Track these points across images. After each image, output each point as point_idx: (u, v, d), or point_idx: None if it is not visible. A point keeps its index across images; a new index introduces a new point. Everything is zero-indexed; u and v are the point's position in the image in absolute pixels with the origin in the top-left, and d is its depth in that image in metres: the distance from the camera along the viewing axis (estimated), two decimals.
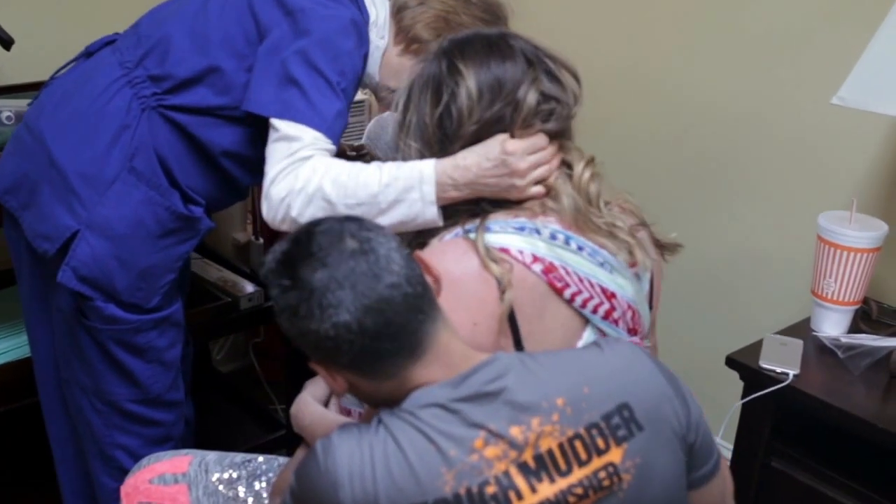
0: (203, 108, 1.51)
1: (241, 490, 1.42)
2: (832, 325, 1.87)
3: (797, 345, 1.81)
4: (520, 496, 1.02)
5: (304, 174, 1.38)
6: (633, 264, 1.31)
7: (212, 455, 1.48)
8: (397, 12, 1.59)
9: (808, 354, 1.79)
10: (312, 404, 1.37)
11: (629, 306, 1.31)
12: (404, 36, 1.58)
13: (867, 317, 1.93)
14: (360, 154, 1.94)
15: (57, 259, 1.50)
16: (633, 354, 1.12)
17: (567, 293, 1.25)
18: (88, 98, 1.52)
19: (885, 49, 1.65)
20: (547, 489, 1.02)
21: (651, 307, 1.39)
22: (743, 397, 1.77)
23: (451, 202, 1.35)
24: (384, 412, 1.07)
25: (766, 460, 1.78)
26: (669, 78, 2.38)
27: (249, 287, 2.29)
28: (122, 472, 1.64)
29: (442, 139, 1.32)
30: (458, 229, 1.31)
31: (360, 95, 2.99)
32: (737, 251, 2.28)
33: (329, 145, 1.43)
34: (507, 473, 1.02)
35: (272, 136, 1.43)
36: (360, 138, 2.05)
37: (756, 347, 1.80)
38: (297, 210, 1.37)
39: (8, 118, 1.84)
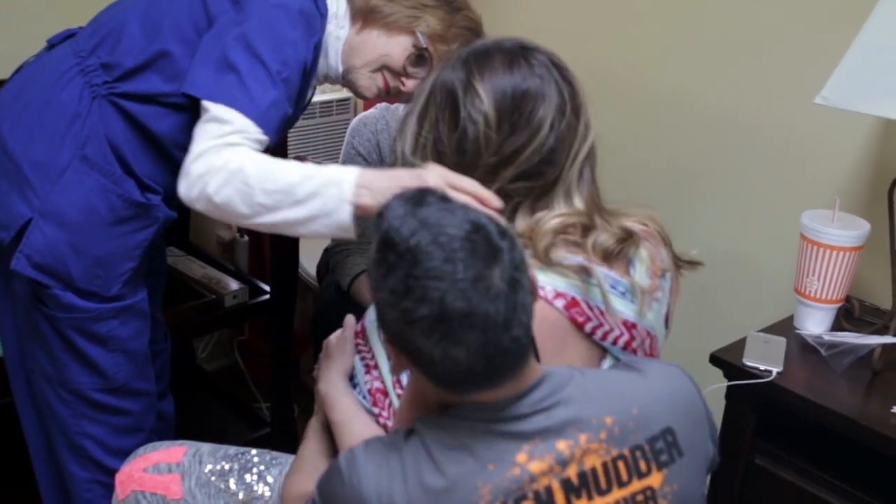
0: (151, 95, 1.49)
1: (232, 482, 1.42)
2: (815, 323, 1.88)
3: (780, 342, 1.82)
4: None
5: (227, 154, 1.34)
6: (653, 289, 1.28)
7: (206, 446, 1.48)
8: None
9: (791, 352, 1.80)
10: (346, 395, 1.32)
11: (648, 333, 1.28)
12: (360, 14, 1.57)
13: (850, 315, 1.94)
14: None
15: (12, 248, 1.49)
16: (676, 378, 1.13)
17: (588, 327, 1.22)
18: (42, 87, 1.52)
19: (869, 48, 1.65)
20: None
21: (667, 326, 1.37)
22: (726, 395, 1.78)
23: (365, 213, 1.29)
24: (421, 421, 1.05)
25: (749, 458, 1.79)
26: (650, 77, 2.39)
27: (234, 284, 2.28)
28: (92, 462, 1.64)
29: (458, 166, 1.23)
30: None
31: (344, 93, 2.99)
32: (720, 249, 2.28)
33: (260, 135, 1.39)
34: (549, 489, 1.01)
35: (203, 117, 1.39)
36: (342, 139, 2.04)
37: (739, 345, 1.81)
38: (214, 188, 1.32)
39: None
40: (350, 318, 1.42)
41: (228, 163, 1.33)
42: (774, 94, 2.14)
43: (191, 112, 1.47)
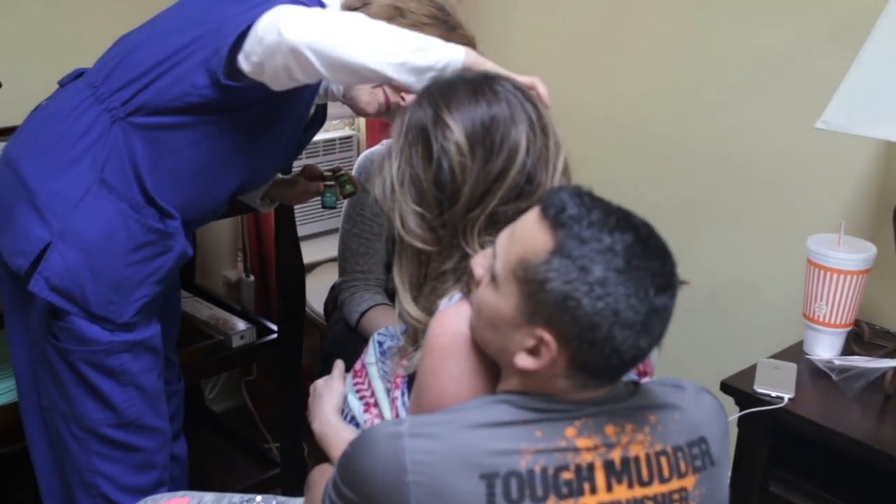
0: (166, 101, 1.50)
1: None
2: (825, 348, 1.87)
3: (791, 368, 1.81)
4: (594, 490, 1.02)
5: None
6: None
7: (209, 496, 1.46)
8: None
9: (802, 377, 1.79)
10: (342, 429, 1.34)
11: None
12: None
13: (859, 339, 1.93)
14: (336, 175, 1.95)
15: (30, 274, 1.50)
16: (707, 395, 1.16)
17: None
18: (58, 121, 1.54)
19: (867, 72, 1.66)
20: (623, 492, 1.03)
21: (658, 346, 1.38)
22: (738, 422, 1.77)
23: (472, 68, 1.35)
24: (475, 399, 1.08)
25: (764, 485, 1.77)
26: (650, 109, 2.40)
27: (241, 325, 2.28)
28: (104, 499, 1.63)
29: (440, 200, 1.24)
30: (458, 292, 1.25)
31: (347, 131, 3.01)
32: (727, 277, 2.28)
33: None
34: (591, 466, 1.03)
35: (267, 18, 1.38)
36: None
37: (750, 372, 1.80)
38: (320, 21, 1.35)
39: None
40: (339, 362, 1.44)
41: (336, 10, 1.37)
42: (776, 121, 2.14)
43: (207, 116, 1.49)
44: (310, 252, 2.55)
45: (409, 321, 1.25)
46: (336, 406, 1.36)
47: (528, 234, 1.02)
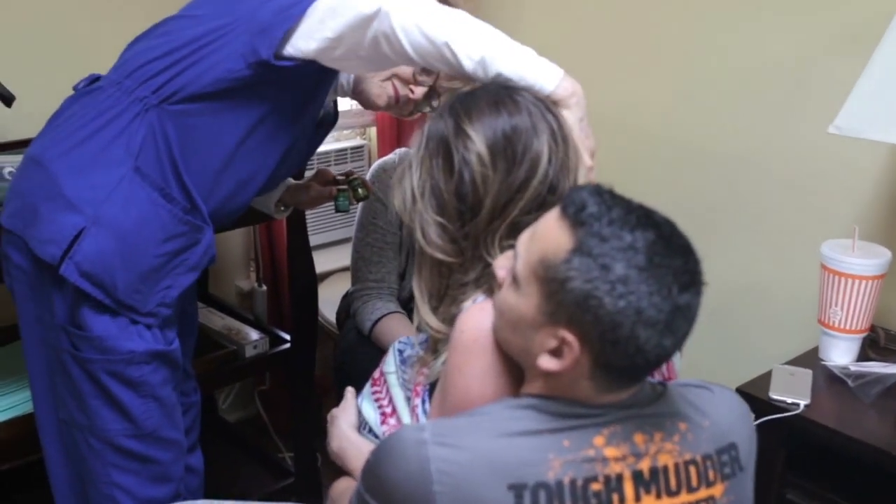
0: (200, 87, 1.51)
1: None
2: (840, 354, 1.86)
3: (806, 374, 1.80)
4: (622, 501, 1.02)
5: None
6: None
7: None
8: None
9: (818, 384, 1.78)
10: (361, 442, 1.32)
11: None
12: None
13: (875, 344, 1.92)
14: (348, 180, 1.95)
15: (61, 263, 1.50)
16: (737, 399, 1.15)
17: None
18: (84, 117, 1.54)
19: (880, 76, 1.66)
20: (650, 502, 1.03)
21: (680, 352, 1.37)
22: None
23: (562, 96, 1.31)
24: (502, 401, 1.07)
25: (781, 492, 1.76)
26: (663, 116, 2.40)
27: (254, 334, 2.29)
28: None
29: (462, 212, 1.23)
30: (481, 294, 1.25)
31: (359, 141, 3.02)
32: (741, 283, 2.27)
33: None
34: (619, 476, 1.02)
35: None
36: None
37: (765, 378, 1.79)
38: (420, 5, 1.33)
39: (10, 173, 1.85)
40: (350, 388, 1.43)
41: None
42: (788, 126, 2.14)
43: (240, 103, 1.51)
44: (322, 261, 2.55)
45: (428, 332, 1.25)
46: (352, 423, 1.35)
47: (549, 233, 1.01)
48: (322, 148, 2.82)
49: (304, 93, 1.58)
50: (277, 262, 2.70)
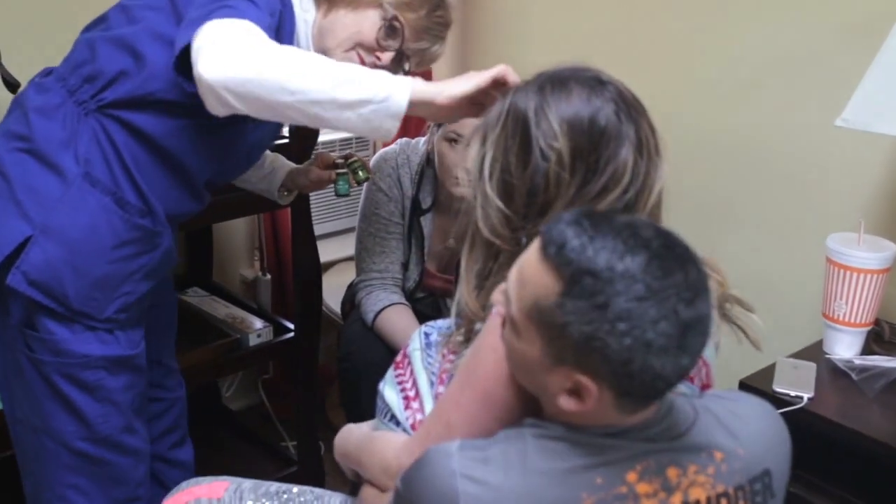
0: (140, 97, 1.47)
1: None
2: (845, 348, 1.86)
3: (810, 368, 1.80)
4: None
5: (252, 33, 1.27)
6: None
7: (248, 483, 1.45)
8: None
9: (822, 377, 1.78)
10: (357, 428, 1.30)
11: (703, 361, 1.24)
12: None
13: (880, 338, 1.92)
14: (348, 163, 1.92)
15: (6, 268, 1.47)
16: (773, 417, 1.12)
17: None
18: (34, 114, 1.50)
19: (887, 70, 1.65)
20: None
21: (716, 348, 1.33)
22: None
23: (420, 104, 1.27)
24: (531, 426, 1.02)
25: None
26: (669, 109, 2.39)
27: (258, 323, 2.29)
28: None
29: (528, 206, 1.14)
30: None
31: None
32: (745, 276, 2.26)
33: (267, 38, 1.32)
34: None
35: (204, 31, 1.28)
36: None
37: (769, 371, 1.79)
38: (248, 56, 1.24)
39: None
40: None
41: (260, 40, 1.26)
42: (794, 119, 2.13)
43: (186, 109, 1.45)
44: (326, 251, 2.55)
45: (466, 312, 1.19)
46: (363, 426, 1.31)
47: (535, 276, 0.95)
48: (326, 136, 2.82)
49: None
50: (282, 251, 2.70)
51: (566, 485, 0.97)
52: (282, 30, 1.50)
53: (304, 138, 2.10)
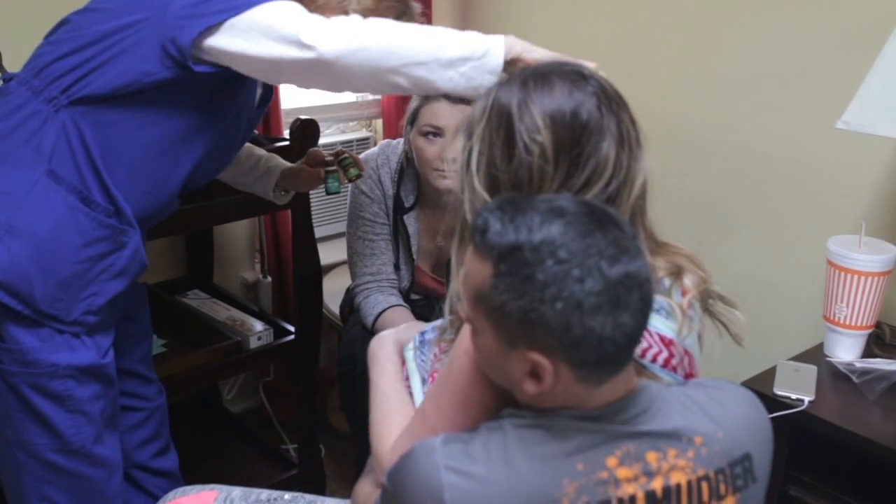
0: (114, 89, 1.46)
1: None
2: (846, 350, 1.86)
3: (811, 371, 1.80)
4: None
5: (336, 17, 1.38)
6: (688, 306, 1.23)
7: (237, 491, 1.45)
8: None
9: (823, 380, 1.78)
10: (393, 362, 1.32)
11: (686, 351, 1.24)
12: None
13: (881, 341, 1.92)
14: (339, 160, 1.92)
15: None
16: (753, 403, 1.13)
17: None
18: None
19: (888, 72, 1.65)
20: None
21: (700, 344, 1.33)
22: None
23: (513, 60, 1.34)
24: (510, 417, 1.04)
25: (783, 489, 1.76)
26: (669, 112, 2.39)
27: (258, 326, 2.29)
28: None
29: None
30: None
31: (364, 133, 3.01)
32: (747, 277, 2.27)
33: None
34: (633, 497, 1.01)
35: (247, 25, 1.38)
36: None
37: (769, 374, 1.79)
38: (355, 29, 1.34)
39: None
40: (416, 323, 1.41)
41: (353, 18, 1.36)
42: (795, 122, 2.13)
43: (161, 98, 1.46)
44: (327, 253, 2.55)
45: (458, 306, 1.19)
46: (401, 339, 1.34)
47: (472, 267, 1.00)
48: (327, 139, 2.82)
49: (228, 89, 1.53)
50: (282, 254, 2.70)
51: (548, 472, 0.99)
52: None
53: (304, 139, 2.10)
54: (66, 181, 1.47)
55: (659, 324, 1.20)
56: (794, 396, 1.71)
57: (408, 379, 1.31)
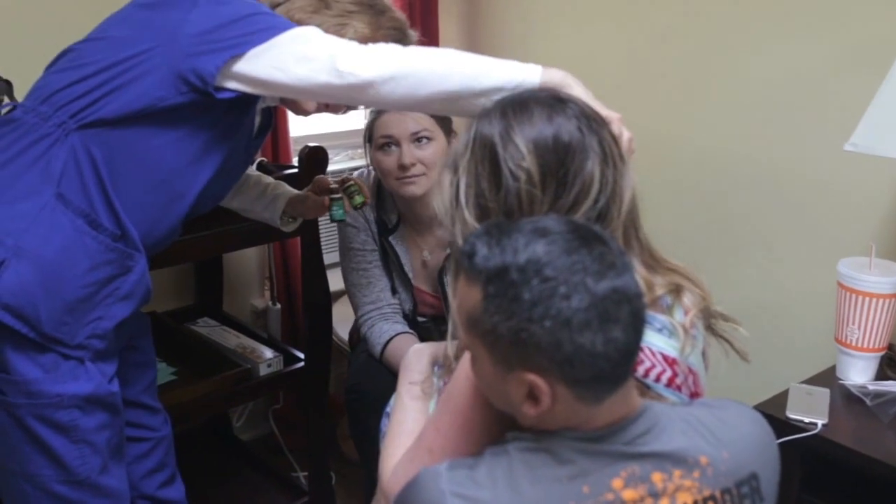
0: (126, 113, 1.47)
1: None
2: (858, 373, 1.84)
3: (824, 394, 1.78)
4: None
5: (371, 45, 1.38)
6: (691, 325, 1.24)
7: None
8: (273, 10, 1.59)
9: (836, 403, 1.76)
10: (424, 376, 1.32)
11: (690, 370, 1.24)
12: None
13: (893, 363, 1.90)
14: (344, 187, 1.93)
15: None
16: (758, 423, 1.12)
17: None
18: (4, 144, 1.50)
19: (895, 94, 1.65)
20: None
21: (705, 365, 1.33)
22: None
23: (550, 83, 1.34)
24: (514, 441, 1.04)
25: None
26: (678, 134, 2.39)
27: (268, 353, 2.29)
28: None
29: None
30: None
31: (358, 161, 3.02)
32: (757, 301, 2.26)
33: None
34: None
35: (281, 50, 1.40)
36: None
37: (782, 398, 1.78)
38: (399, 57, 1.35)
39: None
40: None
41: (390, 46, 1.37)
42: (805, 144, 2.13)
43: (172, 122, 1.47)
44: (336, 280, 2.55)
45: (458, 339, 1.22)
46: (438, 353, 1.33)
47: (464, 294, 1.01)
48: (336, 166, 2.83)
49: (237, 111, 1.54)
50: (292, 281, 2.70)
51: (553, 496, 0.98)
52: None
53: (312, 166, 2.11)
54: (73, 204, 1.47)
55: (661, 343, 1.20)
56: (807, 420, 1.70)
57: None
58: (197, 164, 1.55)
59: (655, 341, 1.20)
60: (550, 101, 1.22)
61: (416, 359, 1.35)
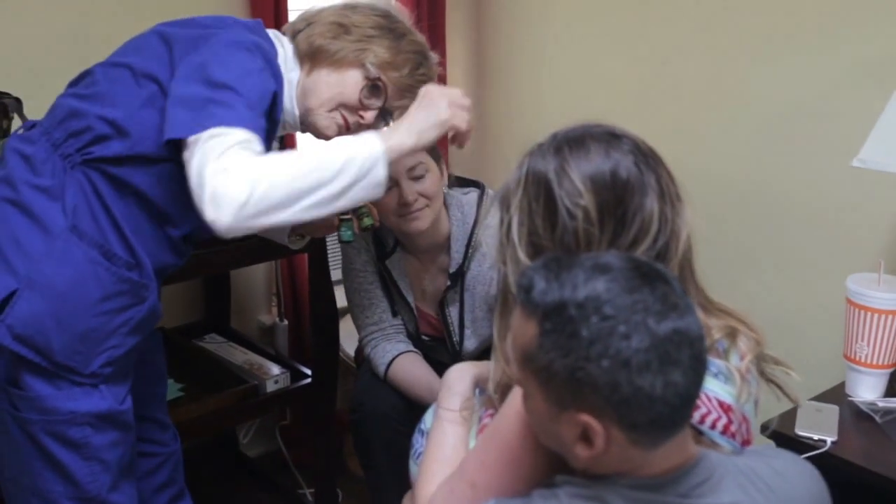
0: (128, 155, 1.47)
1: None
2: (868, 389, 1.83)
3: (833, 411, 1.78)
4: None
5: (242, 158, 1.31)
6: (746, 370, 1.20)
7: None
8: (292, 40, 1.61)
9: (845, 420, 1.75)
10: (462, 397, 1.28)
11: (744, 417, 1.20)
12: (307, 56, 1.59)
13: None
14: (355, 209, 1.91)
15: None
16: (815, 478, 1.11)
17: None
18: (17, 166, 1.51)
19: None
20: None
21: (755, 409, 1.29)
22: None
23: (398, 154, 1.40)
24: (564, 485, 1.00)
25: None
26: (687, 150, 2.39)
27: (275, 369, 2.29)
28: None
29: None
30: None
31: None
32: (765, 318, 2.23)
33: (258, 145, 1.36)
34: None
35: (197, 148, 1.33)
36: None
37: (791, 415, 1.77)
38: (245, 193, 1.28)
39: None
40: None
41: (249, 164, 1.30)
42: (813, 160, 2.13)
43: (173, 162, 1.45)
44: (343, 297, 2.55)
45: (504, 376, 1.19)
46: (480, 374, 1.29)
47: (518, 328, 0.98)
48: None
49: None
50: (299, 297, 2.71)
51: None
52: (276, 105, 1.51)
53: None
54: (87, 235, 1.48)
55: (717, 388, 1.15)
56: (816, 437, 1.69)
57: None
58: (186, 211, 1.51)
59: (712, 386, 1.15)
60: (606, 136, 1.17)
61: (458, 379, 1.31)
